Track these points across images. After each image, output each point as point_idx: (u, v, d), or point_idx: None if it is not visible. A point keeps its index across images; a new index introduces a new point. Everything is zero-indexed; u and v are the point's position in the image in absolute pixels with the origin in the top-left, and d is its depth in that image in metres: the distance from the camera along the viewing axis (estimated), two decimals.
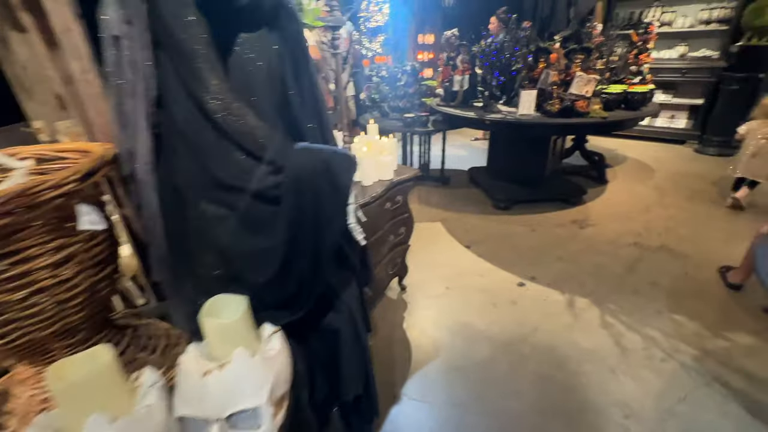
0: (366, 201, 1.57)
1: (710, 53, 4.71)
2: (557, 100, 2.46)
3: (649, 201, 3.32)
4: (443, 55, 3.08)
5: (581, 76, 2.37)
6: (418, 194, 3.65)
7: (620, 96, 2.55)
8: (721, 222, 2.91)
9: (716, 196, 3.37)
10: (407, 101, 3.27)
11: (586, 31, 2.78)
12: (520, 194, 3.20)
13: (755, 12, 3.97)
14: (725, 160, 4.36)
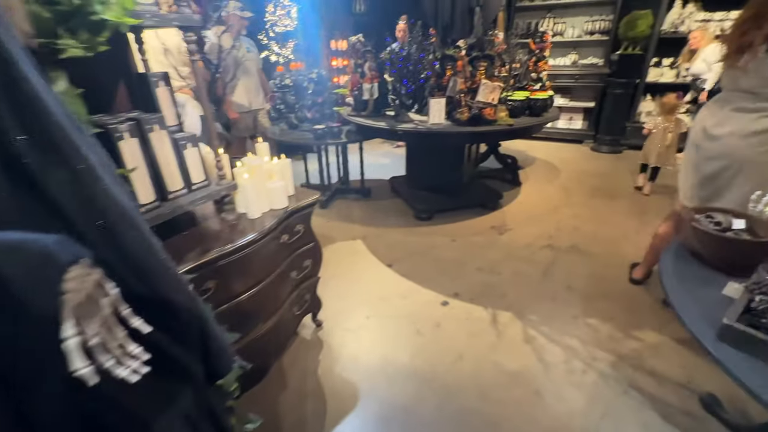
0: (252, 238, 1.29)
1: (596, 61, 5.20)
2: (465, 108, 2.40)
3: (557, 201, 3.48)
4: (351, 62, 2.89)
5: (486, 83, 2.34)
6: (337, 210, 3.42)
7: (524, 103, 2.59)
8: (621, 216, 3.13)
9: (614, 191, 3.66)
10: (316, 111, 3.02)
11: (488, 39, 2.79)
12: (440, 203, 3.13)
13: (628, 24, 4.45)
14: (616, 157, 4.84)
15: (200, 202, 1.26)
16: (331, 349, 1.85)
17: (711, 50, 3.83)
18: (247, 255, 1.29)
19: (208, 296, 1.20)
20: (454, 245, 2.75)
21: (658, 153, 3.36)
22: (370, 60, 2.70)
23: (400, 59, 2.47)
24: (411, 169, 3.41)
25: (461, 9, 2.45)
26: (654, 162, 3.42)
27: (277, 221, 1.41)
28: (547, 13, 5.30)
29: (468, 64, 2.40)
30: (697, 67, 3.91)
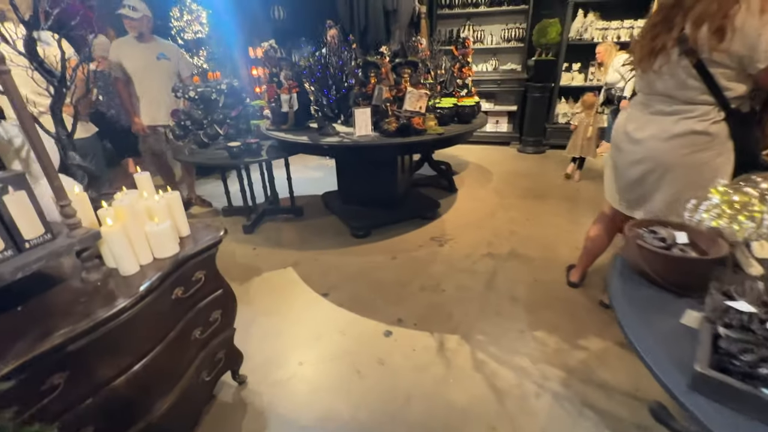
0: (122, 306, 0.97)
1: (515, 66, 5.45)
2: (393, 118, 2.25)
3: (493, 205, 3.49)
4: (265, 71, 2.60)
5: (412, 91, 2.21)
6: (266, 234, 3.08)
7: (452, 110, 2.51)
8: (552, 216, 3.20)
9: (543, 190, 3.78)
10: (230, 127, 2.67)
11: (412, 46, 2.68)
12: (377, 218, 2.95)
13: (540, 32, 4.70)
14: (540, 157, 5.08)
15: (36, 265, 0.91)
16: (258, 410, 1.55)
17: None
18: (118, 327, 0.97)
19: (54, 397, 0.86)
20: (394, 264, 2.57)
21: (581, 145, 3.91)
22: (286, 68, 2.44)
23: (319, 66, 2.25)
24: (343, 183, 3.19)
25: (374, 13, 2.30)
26: (578, 153, 3.97)
27: (162, 275, 1.10)
28: (466, 21, 5.44)
29: (392, 72, 2.24)
30: (611, 77, 4.23)
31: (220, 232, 1.34)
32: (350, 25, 2.38)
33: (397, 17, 2.28)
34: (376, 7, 2.27)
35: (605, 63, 4.23)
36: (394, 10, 2.29)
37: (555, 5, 5.10)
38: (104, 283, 1.05)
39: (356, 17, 2.31)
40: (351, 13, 2.29)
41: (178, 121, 2.61)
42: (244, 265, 2.62)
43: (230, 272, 2.52)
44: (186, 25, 4.82)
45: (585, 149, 3.93)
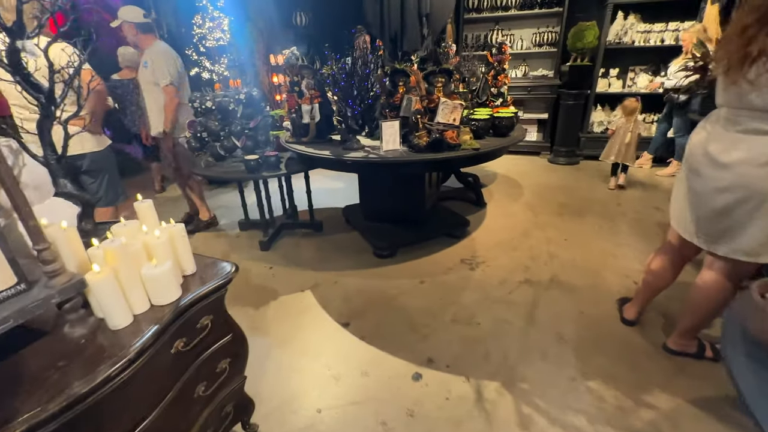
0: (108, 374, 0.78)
1: (546, 72, 5.15)
2: (424, 132, 2.03)
3: (526, 222, 3.22)
4: (286, 79, 2.44)
5: (446, 102, 1.99)
6: (283, 251, 2.91)
7: (488, 122, 2.28)
8: (594, 236, 2.91)
9: (580, 207, 3.48)
10: (248, 139, 2.52)
11: (442, 52, 2.47)
12: (402, 237, 2.73)
13: (576, 36, 4.40)
14: (574, 168, 4.76)
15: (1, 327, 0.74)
16: None
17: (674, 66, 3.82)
18: (101, 400, 0.79)
19: None
20: (422, 289, 2.35)
21: (619, 150, 3.78)
22: (308, 77, 2.27)
23: (343, 75, 2.06)
24: (365, 198, 2.99)
25: (411, 17, 2.09)
26: (615, 158, 3.83)
27: (159, 328, 0.91)
28: (495, 25, 5.20)
29: (423, 80, 2.04)
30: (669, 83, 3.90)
31: (230, 268, 1.15)
32: (380, 30, 2.19)
33: (431, 22, 2.07)
34: (410, 11, 2.06)
35: None
36: (428, 14, 2.08)
37: (591, 7, 4.80)
38: (90, 339, 0.88)
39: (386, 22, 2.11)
40: (381, 17, 2.10)
41: (195, 132, 2.48)
42: (260, 287, 2.45)
43: (245, 296, 2.35)
44: (208, 32, 4.77)
45: (624, 155, 3.78)
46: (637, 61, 4.71)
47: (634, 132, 3.68)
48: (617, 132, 3.77)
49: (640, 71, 4.75)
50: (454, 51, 2.89)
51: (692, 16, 4.23)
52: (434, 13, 2.08)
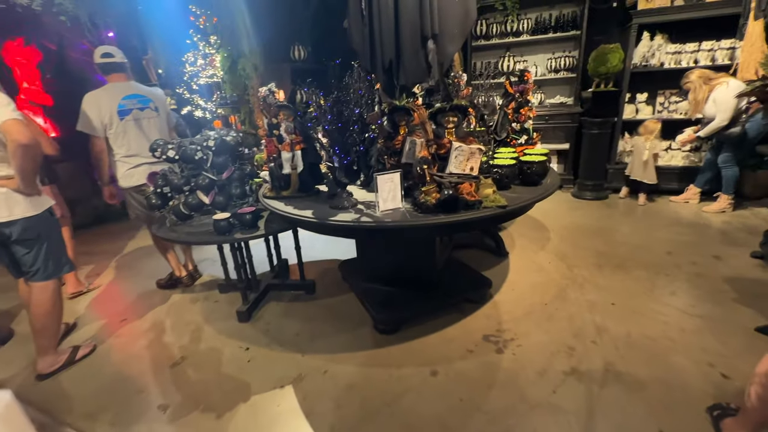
0: None
1: (565, 100, 4.72)
2: (433, 186, 1.55)
3: (559, 279, 2.66)
4: (263, 121, 2.02)
5: (460, 147, 1.52)
6: (266, 321, 2.40)
7: (513, 168, 1.79)
8: (646, 299, 2.34)
9: (622, 256, 2.91)
10: (219, 192, 2.08)
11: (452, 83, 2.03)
12: (409, 307, 2.20)
13: (598, 60, 3.99)
14: (603, 205, 4.22)
15: None
16: None
17: (722, 91, 3.38)
18: None
19: None
20: (435, 384, 1.80)
21: (637, 167, 4.02)
22: (287, 118, 1.84)
23: (328, 117, 1.62)
24: (364, 256, 2.50)
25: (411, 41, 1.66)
26: (635, 175, 4.06)
27: None
28: (505, 52, 4.84)
29: (429, 121, 1.58)
30: (708, 109, 3.48)
31: None
32: (370, 59, 1.76)
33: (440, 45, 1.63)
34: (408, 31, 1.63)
35: (697, 95, 3.49)
36: (435, 35, 1.64)
37: (611, 29, 4.42)
38: None
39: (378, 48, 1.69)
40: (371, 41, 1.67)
41: (156, 187, 2.05)
42: (230, 380, 1.93)
43: (208, 394, 1.83)
44: (200, 69, 4.52)
45: (638, 172, 3.99)
46: (667, 84, 4.24)
47: (651, 150, 3.89)
48: (635, 150, 4.00)
49: (671, 95, 4.28)
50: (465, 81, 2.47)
51: (730, 34, 3.78)
52: (445, 32, 1.63)
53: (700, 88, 3.52)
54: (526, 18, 4.58)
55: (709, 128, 3.49)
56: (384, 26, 1.58)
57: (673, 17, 3.87)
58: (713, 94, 3.45)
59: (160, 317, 2.57)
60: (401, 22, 1.59)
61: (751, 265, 2.70)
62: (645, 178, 3.99)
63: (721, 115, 3.42)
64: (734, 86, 3.37)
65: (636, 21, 3.95)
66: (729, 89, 3.37)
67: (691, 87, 3.59)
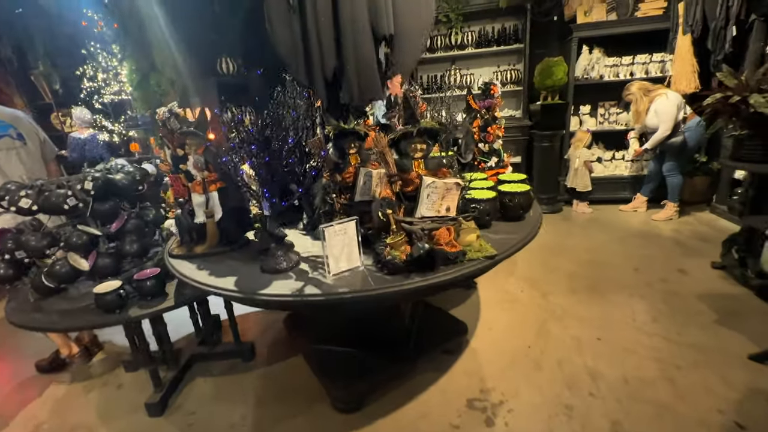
0: None
1: (514, 113, 4.66)
2: (402, 237, 1.16)
3: (536, 311, 2.40)
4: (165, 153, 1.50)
5: (433, 183, 1.15)
6: (188, 410, 1.82)
7: (493, 202, 1.45)
8: (632, 329, 2.13)
9: (594, 276, 2.73)
10: (101, 254, 1.51)
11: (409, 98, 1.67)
12: (373, 375, 1.76)
13: (544, 73, 3.93)
14: (559, 218, 4.14)
15: None
16: None
17: (662, 103, 3.45)
18: None
19: None
20: None
21: (571, 176, 4.13)
22: (196, 150, 1.35)
23: (252, 147, 1.17)
24: None
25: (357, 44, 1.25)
26: (571, 183, 4.15)
27: None
28: (451, 65, 4.69)
29: (390, 150, 1.19)
30: (649, 119, 3.54)
31: None
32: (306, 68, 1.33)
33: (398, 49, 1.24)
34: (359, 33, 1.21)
35: (638, 106, 3.53)
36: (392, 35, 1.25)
37: (552, 42, 4.44)
38: None
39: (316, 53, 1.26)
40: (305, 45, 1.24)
41: (3, 253, 1.43)
42: None
43: None
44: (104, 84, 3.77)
45: (573, 180, 4.10)
46: (607, 96, 4.33)
47: (581, 159, 4.00)
48: (570, 159, 4.13)
49: (611, 106, 4.37)
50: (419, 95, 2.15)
51: (660, 48, 3.93)
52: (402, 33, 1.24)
53: (640, 100, 3.58)
54: (469, 31, 4.46)
55: (654, 140, 3.55)
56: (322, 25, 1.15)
57: (609, 31, 3.94)
58: (654, 106, 3.52)
59: (37, 418, 1.88)
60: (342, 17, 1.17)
61: (715, 277, 2.65)
62: (578, 186, 4.07)
63: (664, 126, 3.48)
64: (673, 97, 3.46)
65: (576, 35, 3.97)
66: (669, 100, 3.45)
67: (632, 99, 3.66)
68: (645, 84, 3.61)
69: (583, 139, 4.04)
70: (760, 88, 1.99)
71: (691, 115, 3.56)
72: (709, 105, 2.13)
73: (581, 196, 4.17)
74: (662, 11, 3.81)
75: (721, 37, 3.47)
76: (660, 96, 3.49)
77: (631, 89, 3.64)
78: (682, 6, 3.61)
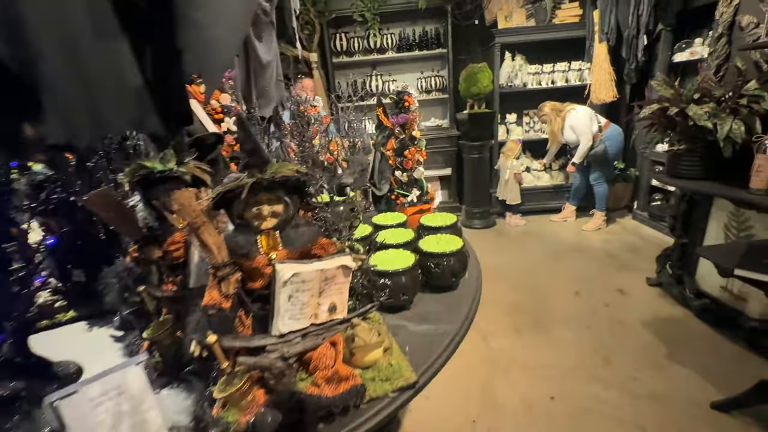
0: None
1: (440, 122, 4.36)
2: (241, 380, 0.61)
3: (479, 365, 2.01)
4: None
5: (298, 275, 0.63)
6: None
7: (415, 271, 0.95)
8: (584, 376, 1.82)
9: (536, 306, 2.43)
10: None
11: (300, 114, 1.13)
12: None
13: (469, 80, 3.66)
14: (494, 233, 3.91)
15: None
16: None
17: (575, 117, 3.42)
18: None
19: None
20: None
21: (501, 188, 3.95)
22: None
23: None
24: None
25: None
26: (502, 196, 3.97)
27: None
28: (372, 70, 4.26)
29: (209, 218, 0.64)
30: (568, 136, 3.48)
31: None
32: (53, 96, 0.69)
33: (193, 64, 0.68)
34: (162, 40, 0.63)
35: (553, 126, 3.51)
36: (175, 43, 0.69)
37: (475, 48, 4.23)
38: None
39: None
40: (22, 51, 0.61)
41: None
42: None
43: None
44: None
45: (502, 192, 3.96)
46: (532, 104, 4.21)
47: (511, 171, 3.83)
48: (500, 170, 3.94)
49: (535, 115, 4.28)
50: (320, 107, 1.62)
51: (579, 57, 3.89)
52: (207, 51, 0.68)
53: (554, 120, 3.57)
54: (389, 33, 4.07)
55: (579, 153, 3.49)
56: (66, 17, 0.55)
57: (529, 38, 3.81)
58: (567, 122, 3.50)
59: None
60: None
61: (654, 296, 2.51)
62: (509, 199, 3.91)
63: (584, 138, 3.43)
64: (582, 111, 3.49)
65: (498, 40, 3.77)
66: (579, 114, 3.46)
67: (546, 119, 3.64)
68: (555, 104, 3.59)
69: (514, 150, 3.88)
70: (696, 98, 1.81)
71: (606, 125, 3.53)
72: (646, 117, 1.91)
73: (513, 208, 3.99)
74: (579, 19, 3.77)
75: (633, 46, 3.48)
76: (570, 112, 3.48)
77: (544, 110, 3.62)
78: (597, 14, 3.58)
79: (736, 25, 1.97)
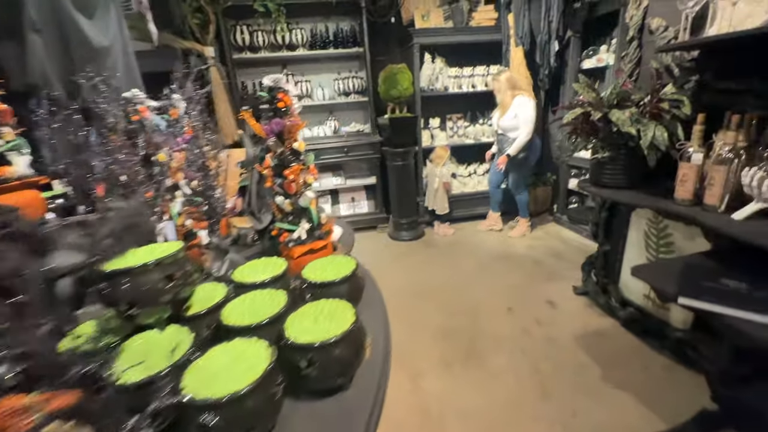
0: None
1: (361, 127, 4.03)
2: None
3: (406, 411, 1.68)
4: None
5: None
6: None
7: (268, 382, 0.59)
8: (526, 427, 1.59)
9: (467, 333, 2.20)
10: None
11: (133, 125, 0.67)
12: None
13: (389, 82, 3.39)
14: (422, 245, 3.68)
15: None
16: None
17: (525, 103, 3.18)
18: None
19: None
20: None
21: (430, 196, 3.79)
22: None
23: None
24: None
25: None
26: (431, 205, 3.81)
27: None
28: (282, 69, 3.79)
29: None
30: (510, 121, 3.24)
31: None
32: None
33: None
34: None
35: (504, 97, 3.25)
36: None
37: (393, 48, 3.98)
38: None
39: None
40: None
41: None
42: None
43: None
44: None
45: (431, 201, 3.79)
46: (454, 109, 4.10)
47: (441, 178, 3.67)
48: (429, 178, 3.79)
49: (458, 119, 4.17)
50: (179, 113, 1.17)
51: (498, 61, 3.84)
52: None
53: (506, 92, 3.23)
54: (299, 29, 3.64)
55: (516, 146, 3.24)
56: None
57: (448, 39, 3.67)
58: (515, 104, 3.21)
59: None
60: None
61: (582, 306, 2.43)
62: (438, 208, 3.75)
63: (526, 128, 3.18)
64: (532, 102, 3.22)
65: (417, 41, 3.56)
66: (530, 104, 3.18)
67: (497, 87, 3.28)
68: (514, 79, 3.29)
69: (443, 156, 3.68)
70: (616, 103, 1.69)
71: None
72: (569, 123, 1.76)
73: (441, 217, 3.81)
74: (494, 22, 3.71)
75: (546, 52, 3.49)
76: (524, 94, 3.22)
77: (500, 78, 3.23)
78: (512, 18, 3.55)
79: (646, 28, 1.92)
